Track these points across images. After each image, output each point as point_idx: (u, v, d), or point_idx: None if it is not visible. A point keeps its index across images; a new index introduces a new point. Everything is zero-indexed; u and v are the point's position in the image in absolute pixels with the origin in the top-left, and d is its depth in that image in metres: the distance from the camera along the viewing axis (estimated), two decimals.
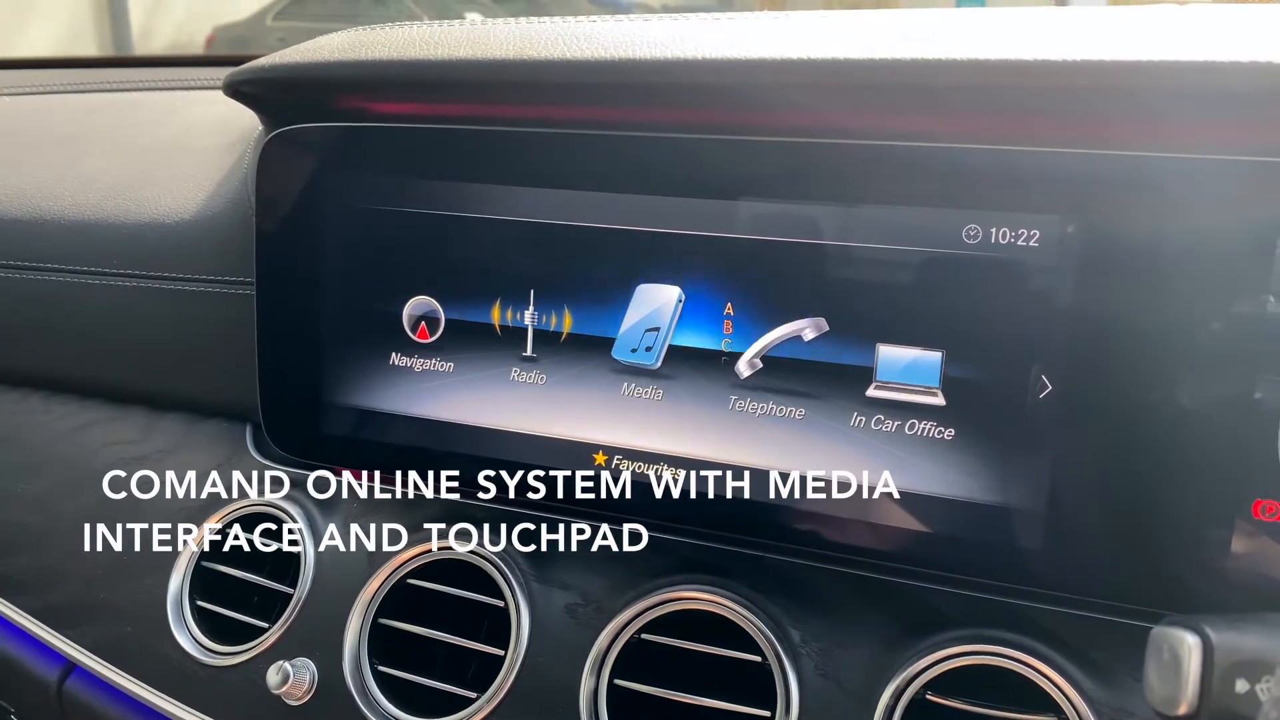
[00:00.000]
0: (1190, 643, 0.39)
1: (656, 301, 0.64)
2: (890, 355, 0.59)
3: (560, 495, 0.69)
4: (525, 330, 0.67)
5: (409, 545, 0.72)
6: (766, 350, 0.62)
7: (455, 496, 0.73)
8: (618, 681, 0.64)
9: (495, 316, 0.68)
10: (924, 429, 0.59)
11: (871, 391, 0.60)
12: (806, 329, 0.60)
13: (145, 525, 0.81)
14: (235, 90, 0.75)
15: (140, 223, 0.84)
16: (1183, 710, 0.39)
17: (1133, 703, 0.56)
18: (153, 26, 6.45)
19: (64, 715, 0.83)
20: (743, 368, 0.62)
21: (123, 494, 0.83)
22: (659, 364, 0.64)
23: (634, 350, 0.65)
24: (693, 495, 0.64)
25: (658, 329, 0.64)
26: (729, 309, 0.62)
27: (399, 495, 0.75)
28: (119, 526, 0.82)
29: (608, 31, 0.64)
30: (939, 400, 0.58)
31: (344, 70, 0.69)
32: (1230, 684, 0.38)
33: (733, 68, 0.59)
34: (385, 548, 0.73)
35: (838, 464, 0.61)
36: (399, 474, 0.75)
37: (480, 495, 0.72)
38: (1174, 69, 0.52)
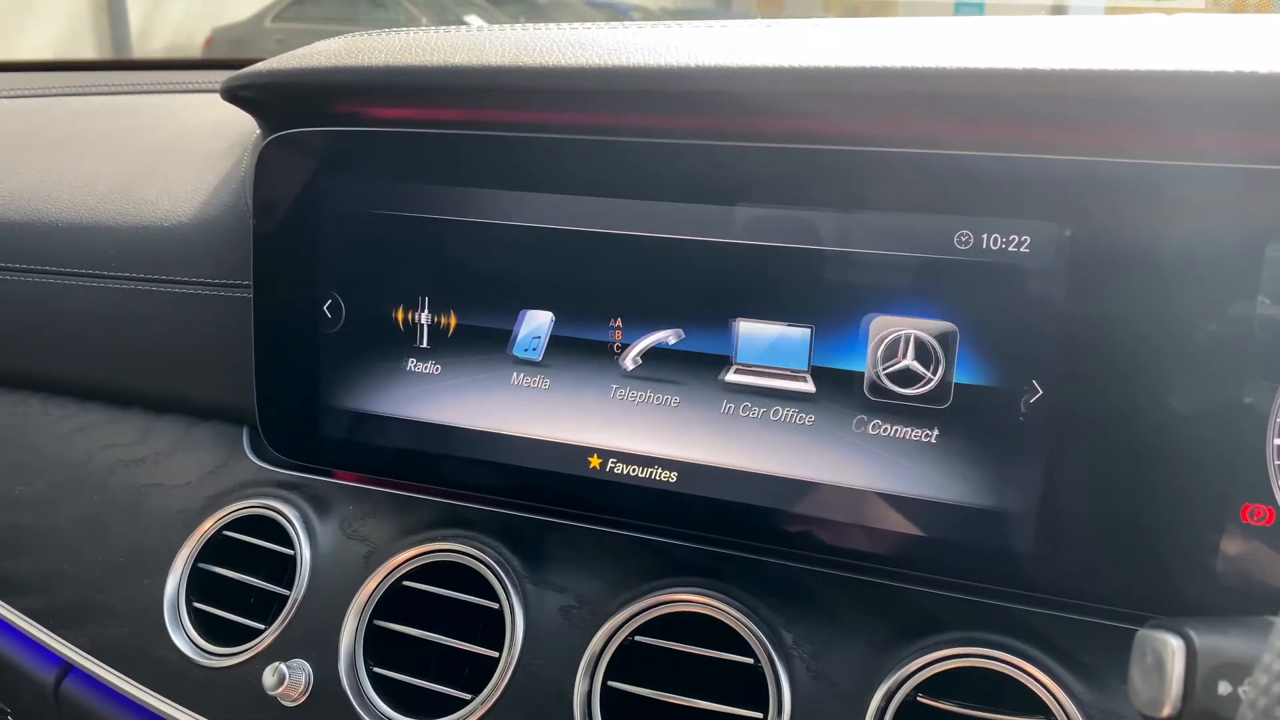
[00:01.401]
0: (1174, 645, 0.39)
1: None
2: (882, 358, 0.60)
3: (555, 498, 0.69)
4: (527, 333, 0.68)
5: (404, 547, 0.72)
6: (759, 363, 0.62)
7: (450, 499, 0.74)
8: (611, 683, 0.65)
9: (491, 321, 0.68)
10: (919, 434, 0.60)
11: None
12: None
13: (142, 527, 0.81)
14: (233, 95, 0.75)
15: (138, 226, 0.85)
16: (1166, 712, 0.39)
17: (1121, 705, 0.57)
18: (151, 27, 6.45)
19: (60, 716, 0.83)
20: (730, 376, 0.63)
21: (120, 496, 0.83)
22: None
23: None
24: (687, 498, 0.65)
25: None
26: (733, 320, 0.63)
27: (394, 498, 0.75)
28: (116, 528, 0.82)
29: (603, 38, 0.65)
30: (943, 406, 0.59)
31: (342, 76, 0.69)
32: (1213, 686, 0.38)
33: (726, 75, 0.60)
34: (381, 549, 0.73)
35: (831, 468, 0.61)
36: (394, 476, 0.75)
37: (475, 498, 0.73)
38: (1165, 78, 0.53)
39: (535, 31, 0.68)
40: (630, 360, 0.65)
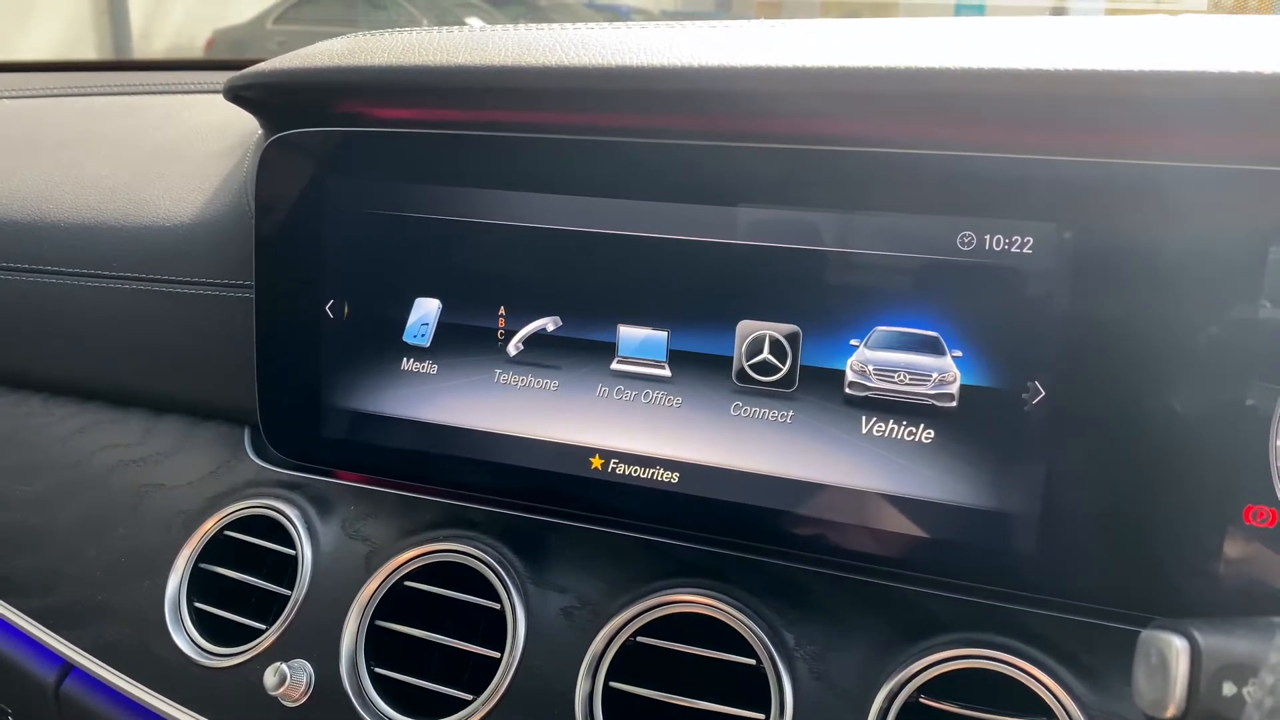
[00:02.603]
0: (1178, 646, 0.39)
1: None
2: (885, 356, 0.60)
3: (557, 498, 0.69)
4: (524, 334, 0.68)
5: (406, 547, 0.72)
6: (751, 357, 0.62)
7: (452, 500, 0.74)
8: (613, 684, 0.65)
9: (492, 320, 0.68)
10: (919, 434, 0.60)
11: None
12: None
13: (143, 527, 0.81)
14: (236, 95, 0.75)
15: (140, 226, 0.85)
16: (1170, 713, 0.39)
17: (1123, 706, 0.57)
18: (152, 29, 6.46)
19: (61, 716, 0.83)
20: (735, 377, 0.63)
21: (121, 496, 0.83)
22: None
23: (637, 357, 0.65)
24: (689, 498, 0.64)
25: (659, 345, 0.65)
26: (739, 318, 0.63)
27: (396, 498, 0.75)
28: (117, 528, 0.82)
29: (607, 38, 0.65)
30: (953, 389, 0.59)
31: (345, 75, 0.69)
32: (1217, 687, 0.38)
33: (732, 75, 0.60)
34: (382, 550, 0.73)
35: (832, 469, 0.61)
36: (396, 477, 0.75)
37: (477, 498, 0.73)
38: (1168, 79, 0.53)
39: (538, 32, 0.68)
40: (617, 362, 0.65)
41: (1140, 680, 0.41)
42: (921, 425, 0.59)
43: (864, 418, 0.61)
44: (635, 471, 0.66)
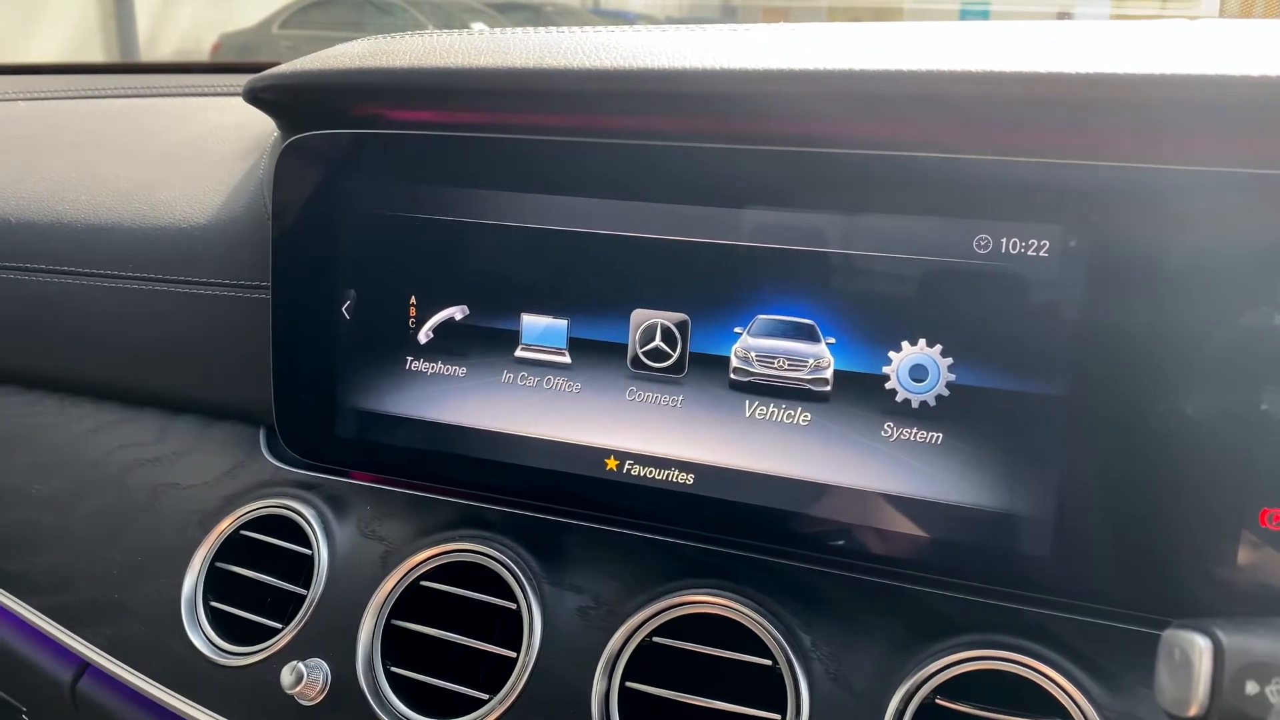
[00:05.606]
0: (1201, 645, 0.40)
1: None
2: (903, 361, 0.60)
3: (571, 499, 0.70)
4: (538, 335, 0.68)
5: (422, 547, 0.72)
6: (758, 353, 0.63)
7: (467, 500, 0.74)
8: (629, 684, 0.65)
9: (508, 321, 0.69)
10: (933, 436, 0.60)
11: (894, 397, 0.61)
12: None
13: (159, 526, 0.82)
14: (255, 97, 0.76)
15: (155, 227, 0.85)
16: (1193, 711, 0.39)
17: (1140, 708, 0.57)
18: (159, 33, 6.48)
19: (77, 714, 0.83)
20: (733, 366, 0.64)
21: (137, 495, 0.84)
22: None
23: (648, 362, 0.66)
24: (703, 500, 0.65)
25: (674, 346, 0.65)
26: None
27: (412, 498, 0.76)
28: (133, 527, 0.82)
29: (629, 41, 0.65)
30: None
31: (369, 77, 0.69)
32: (1240, 686, 0.39)
33: (754, 78, 0.60)
34: (398, 550, 0.74)
35: (849, 471, 0.62)
36: (411, 478, 0.75)
37: (492, 498, 0.73)
38: (1186, 83, 0.53)
39: (559, 35, 0.69)
40: (630, 361, 0.66)
41: (1163, 678, 0.42)
42: (936, 428, 0.59)
43: (893, 422, 0.61)
44: (650, 473, 0.66)
